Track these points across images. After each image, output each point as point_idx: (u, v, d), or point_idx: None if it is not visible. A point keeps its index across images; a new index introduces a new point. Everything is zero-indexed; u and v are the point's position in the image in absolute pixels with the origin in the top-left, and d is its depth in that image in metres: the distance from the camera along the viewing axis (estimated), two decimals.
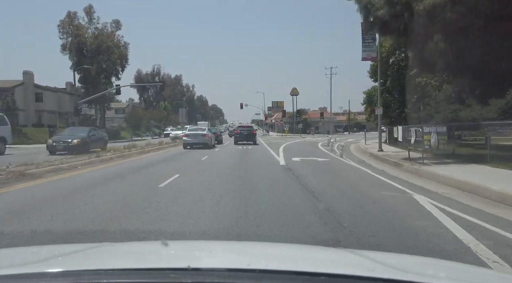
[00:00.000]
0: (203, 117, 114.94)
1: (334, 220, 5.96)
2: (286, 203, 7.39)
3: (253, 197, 8.05)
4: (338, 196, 8.45)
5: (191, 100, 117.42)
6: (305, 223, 5.88)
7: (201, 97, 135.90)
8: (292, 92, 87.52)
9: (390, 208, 7.06)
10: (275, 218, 6.12)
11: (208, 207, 7.00)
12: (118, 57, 56.94)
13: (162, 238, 4.33)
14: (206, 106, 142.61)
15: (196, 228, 5.59)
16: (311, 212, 6.74)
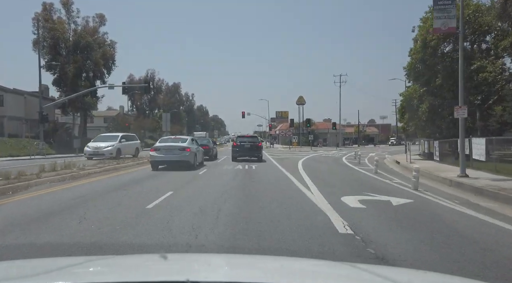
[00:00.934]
0: (203, 128, 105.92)
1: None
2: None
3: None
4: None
5: (190, 110, 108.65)
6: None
7: (201, 107, 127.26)
8: (298, 101, 78.86)
9: None
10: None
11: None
12: (102, 57, 48.18)
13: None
14: (206, 117, 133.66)
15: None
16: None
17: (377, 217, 6.97)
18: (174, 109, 78.65)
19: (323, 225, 6.18)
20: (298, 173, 16.13)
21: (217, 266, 1.95)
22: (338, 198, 8.93)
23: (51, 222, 6.35)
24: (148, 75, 73.54)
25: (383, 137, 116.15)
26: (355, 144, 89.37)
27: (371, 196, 9.53)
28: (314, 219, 6.70)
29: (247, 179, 12.92)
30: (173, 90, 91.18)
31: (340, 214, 6.90)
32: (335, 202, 8.27)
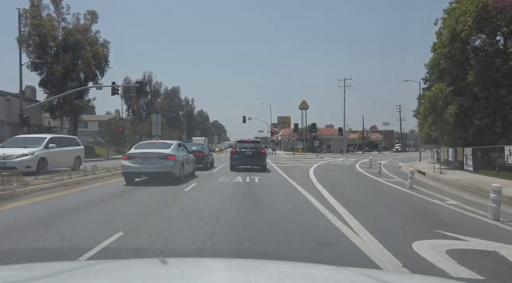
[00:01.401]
0: (203, 133, 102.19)
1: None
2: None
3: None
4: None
5: (190, 115, 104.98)
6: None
7: (201, 112, 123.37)
8: (301, 105, 75.14)
9: None
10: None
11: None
12: (94, 57, 44.58)
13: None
14: (206, 122, 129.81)
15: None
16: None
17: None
18: (173, 114, 74.93)
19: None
20: (315, 188, 12.30)
21: (218, 271, 1.93)
22: (405, 245, 5.10)
23: None
24: (145, 78, 69.96)
25: (386, 144, 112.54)
26: (359, 150, 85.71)
27: (454, 238, 5.70)
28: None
29: (250, 202, 9.00)
30: (172, 94, 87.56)
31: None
32: (414, 263, 4.42)
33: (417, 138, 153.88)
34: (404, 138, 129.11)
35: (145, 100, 66.81)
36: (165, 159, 12.04)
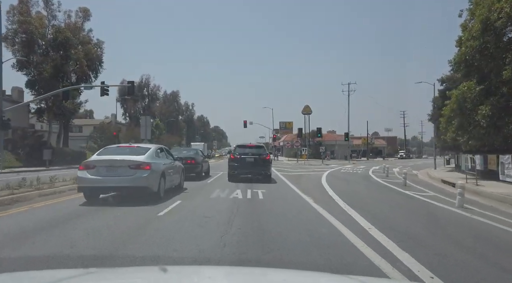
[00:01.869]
0: (203, 139, 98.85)
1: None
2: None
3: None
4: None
5: (190, 120, 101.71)
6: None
7: (201, 117, 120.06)
8: (304, 110, 72.02)
9: None
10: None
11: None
12: (86, 57, 41.56)
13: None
14: (207, 127, 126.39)
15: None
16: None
17: None
18: (171, 118, 71.77)
19: None
20: (341, 211, 9.01)
21: (219, 279, 1.89)
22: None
23: None
24: (142, 81, 66.89)
25: (390, 150, 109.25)
26: (363, 157, 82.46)
27: None
28: None
29: (251, 243, 5.63)
30: (171, 98, 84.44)
31: None
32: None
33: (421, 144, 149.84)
34: (406, 144, 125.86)
35: (142, 104, 63.66)
36: (138, 169, 8.76)
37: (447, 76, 33.49)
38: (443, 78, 33.52)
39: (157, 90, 70.75)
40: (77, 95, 42.56)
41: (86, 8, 42.05)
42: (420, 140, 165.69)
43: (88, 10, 42.13)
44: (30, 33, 36.90)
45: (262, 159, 16.00)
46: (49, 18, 40.16)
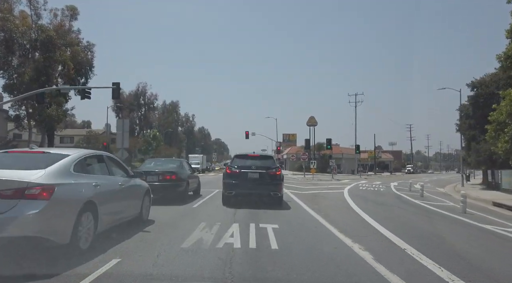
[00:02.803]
0: (203, 151, 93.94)
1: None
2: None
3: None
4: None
5: (190, 131, 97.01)
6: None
7: (202, 129, 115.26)
8: (309, 122, 67.35)
9: None
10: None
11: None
12: (73, 59, 37.26)
13: None
14: (207, 139, 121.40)
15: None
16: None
17: None
18: (170, 129, 67.15)
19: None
20: (409, 259, 4.15)
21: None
22: None
23: None
24: (139, 89, 62.52)
25: (396, 164, 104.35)
26: (371, 171, 77.57)
27: None
28: None
29: None
30: (171, 109, 79.94)
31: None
32: None
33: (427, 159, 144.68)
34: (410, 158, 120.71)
35: (139, 113, 59.15)
36: (18, 198, 4.09)
37: (478, 80, 28.88)
38: (473, 82, 28.89)
39: (155, 99, 66.34)
40: (63, 102, 38.10)
41: (73, 7, 37.92)
42: (423, 154, 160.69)
43: (75, 9, 38.01)
44: (9, 31, 32.64)
45: (270, 174, 11.19)
46: (33, 17, 36.01)
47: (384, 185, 28.56)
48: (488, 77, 28.47)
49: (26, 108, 35.26)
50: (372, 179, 39.94)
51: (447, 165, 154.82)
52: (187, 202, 11.99)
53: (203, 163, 58.53)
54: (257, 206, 11.12)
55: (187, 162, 14.25)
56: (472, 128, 29.27)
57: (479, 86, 28.59)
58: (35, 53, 34.92)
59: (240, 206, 11.10)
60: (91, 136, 38.51)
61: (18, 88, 33.84)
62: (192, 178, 13.48)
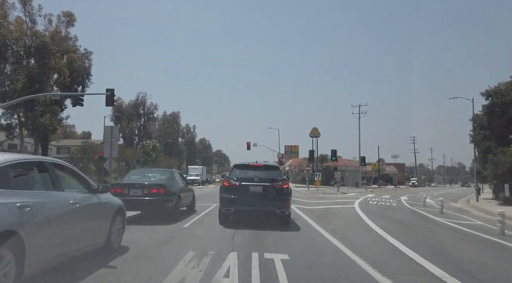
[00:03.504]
0: (204, 162, 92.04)
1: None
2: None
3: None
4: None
5: (191, 143, 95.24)
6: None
7: (203, 140, 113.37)
8: (312, 133, 65.83)
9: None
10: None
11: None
12: (69, 66, 35.87)
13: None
14: (208, 151, 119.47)
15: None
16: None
17: None
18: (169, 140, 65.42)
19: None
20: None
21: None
22: None
23: None
24: (138, 99, 61.04)
25: (400, 177, 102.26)
26: (374, 184, 75.55)
27: None
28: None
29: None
30: (171, 119, 78.33)
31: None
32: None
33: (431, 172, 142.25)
34: (413, 171, 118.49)
35: (138, 123, 57.52)
36: None
37: (493, 89, 27.16)
38: (488, 91, 27.13)
39: (154, 109, 64.75)
40: (58, 111, 36.54)
41: (70, 13, 36.64)
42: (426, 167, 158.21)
43: (72, 15, 36.73)
44: (2, 37, 31.25)
45: (276, 188, 9.37)
46: (28, 24, 34.69)
47: (394, 199, 26.67)
48: (504, 86, 26.76)
49: (19, 117, 33.70)
50: (379, 193, 37.98)
51: (451, 178, 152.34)
52: (177, 220, 10.15)
53: (203, 174, 56.67)
54: (260, 226, 9.29)
55: (180, 173, 12.41)
56: (488, 139, 27.44)
57: (494, 95, 26.84)
58: (30, 60, 33.51)
59: (240, 225, 9.28)
60: (87, 146, 36.76)
61: (10, 96, 32.29)
62: (185, 192, 11.64)
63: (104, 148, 16.12)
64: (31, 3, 34.60)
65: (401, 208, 18.97)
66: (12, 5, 33.82)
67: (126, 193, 9.59)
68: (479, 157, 29.88)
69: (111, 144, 15.41)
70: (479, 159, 29.95)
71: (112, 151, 15.44)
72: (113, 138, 15.52)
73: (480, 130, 28.63)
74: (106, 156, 15.93)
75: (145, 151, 60.78)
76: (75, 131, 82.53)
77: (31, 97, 25.44)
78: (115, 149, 15.81)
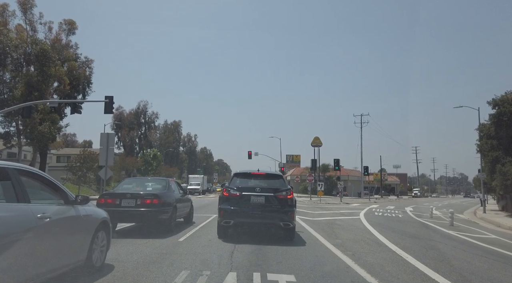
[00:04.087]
0: (205, 172, 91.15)
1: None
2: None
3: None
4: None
5: (192, 152, 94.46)
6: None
7: (204, 150, 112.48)
8: (313, 142, 65.04)
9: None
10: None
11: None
12: (69, 74, 35.41)
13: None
14: (210, 160, 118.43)
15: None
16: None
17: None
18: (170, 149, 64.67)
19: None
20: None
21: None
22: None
23: None
24: (139, 107, 60.49)
25: (402, 188, 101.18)
26: (376, 194, 74.58)
27: None
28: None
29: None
30: (173, 128, 77.68)
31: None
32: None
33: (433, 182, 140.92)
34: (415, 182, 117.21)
35: (139, 132, 56.84)
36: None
37: (500, 98, 26.43)
38: (495, 100, 26.38)
39: (156, 117, 64.14)
40: (57, 119, 35.93)
41: (71, 21, 36.31)
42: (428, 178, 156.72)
43: (74, 23, 36.38)
44: (1, 44, 30.81)
45: (280, 198, 8.60)
46: (29, 31, 34.32)
47: (399, 210, 25.82)
48: (511, 95, 26.07)
49: (17, 125, 33.09)
50: (382, 203, 37.06)
51: (453, 189, 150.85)
52: (172, 233, 9.36)
53: (203, 184, 55.81)
54: (262, 240, 8.50)
55: (177, 182, 11.64)
56: (495, 149, 26.60)
57: (501, 104, 26.10)
58: (29, 67, 33.03)
59: (240, 240, 8.50)
60: (86, 155, 36.09)
61: (9, 104, 31.72)
62: (182, 202, 10.86)
63: (100, 156, 15.39)
64: (32, 11, 34.30)
65: (408, 220, 18.13)
66: (12, 13, 33.52)
67: (117, 203, 8.83)
68: (486, 167, 29.01)
69: (107, 151, 14.69)
70: (486, 169, 29.09)
71: (108, 159, 14.72)
72: (109, 145, 14.81)
73: (487, 139, 27.80)
74: (102, 164, 15.22)
75: (146, 160, 60.03)
76: (76, 140, 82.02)
77: (28, 104, 24.85)
78: (111, 157, 15.10)
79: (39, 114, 33.38)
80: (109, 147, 14.80)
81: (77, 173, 36.53)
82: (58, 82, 35.43)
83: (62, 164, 53.95)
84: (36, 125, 32.86)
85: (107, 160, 14.76)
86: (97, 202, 9.00)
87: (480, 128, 28.83)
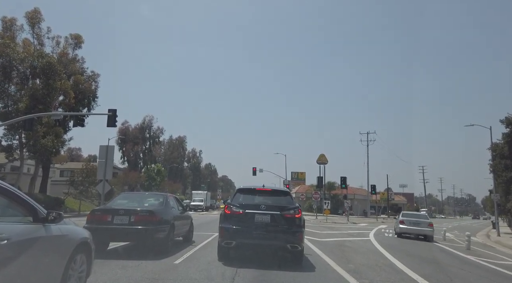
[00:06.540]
0: (209, 188, 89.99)
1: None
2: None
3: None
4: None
5: (196, 168, 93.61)
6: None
7: (209, 166, 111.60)
8: (319, 159, 64.04)
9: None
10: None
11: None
12: (73, 87, 35.17)
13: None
14: (214, 176, 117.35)
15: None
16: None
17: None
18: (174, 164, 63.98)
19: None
20: None
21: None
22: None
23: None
24: (144, 122, 60.21)
25: (409, 208, 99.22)
26: (383, 213, 72.98)
27: None
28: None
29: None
30: (177, 143, 77.18)
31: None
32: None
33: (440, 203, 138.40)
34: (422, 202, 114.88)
35: (143, 147, 56.35)
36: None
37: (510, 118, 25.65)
38: (508, 119, 25.58)
39: (160, 133, 63.69)
40: (61, 132, 35.49)
41: (78, 35, 36.31)
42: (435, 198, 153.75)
43: (80, 37, 36.36)
44: (7, 57, 30.69)
45: (287, 217, 7.77)
46: (36, 46, 34.28)
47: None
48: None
49: (20, 138, 32.64)
50: (391, 224, 35.80)
51: (461, 210, 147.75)
52: (168, 253, 8.52)
53: (207, 200, 54.78)
54: (267, 264, 7.64)
55: (176, 198, 10.82)
56: (510, 169, 25.61)
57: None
58: (35, 80, 32.83)
59: (243, 263, 7.66)
60: (88, 169, 35.47)
61: (13, 117, 31.39)
62: (181, 219, 10.04)
63: (98, 169, 14.67)
64: (39, 25, 34.34)
65: (422, 242, 17.08)
66: (20, 27, 33.56)
67: (109, 220, 8.06)
68: (499, 188, 27.93)
69: (105, 164, 13.99)
70: (499, 190, 27.99)
71: (106, 172, 14.00)
72: (108, 158, 14.11)
73: (501, 159, 26.83)
74: (100, 178, 14.50)
75: (149, 175, 59.32)
76: (81, 154, 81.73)
77: (30, 116, 24.42)
78: (110, 171, 14.36)
79: (42, 127, 32.98)
80: (108, 160, 14.10)
81: (78, 187, 35.83)
82: (64, 95, 35.18)
83: (65, 178, 53.37)
84: (39, 138, 32.41)
85: (106, 174, 14.04)
86: (86, 218, 8.23)
87: (493, 147, 27.87)
